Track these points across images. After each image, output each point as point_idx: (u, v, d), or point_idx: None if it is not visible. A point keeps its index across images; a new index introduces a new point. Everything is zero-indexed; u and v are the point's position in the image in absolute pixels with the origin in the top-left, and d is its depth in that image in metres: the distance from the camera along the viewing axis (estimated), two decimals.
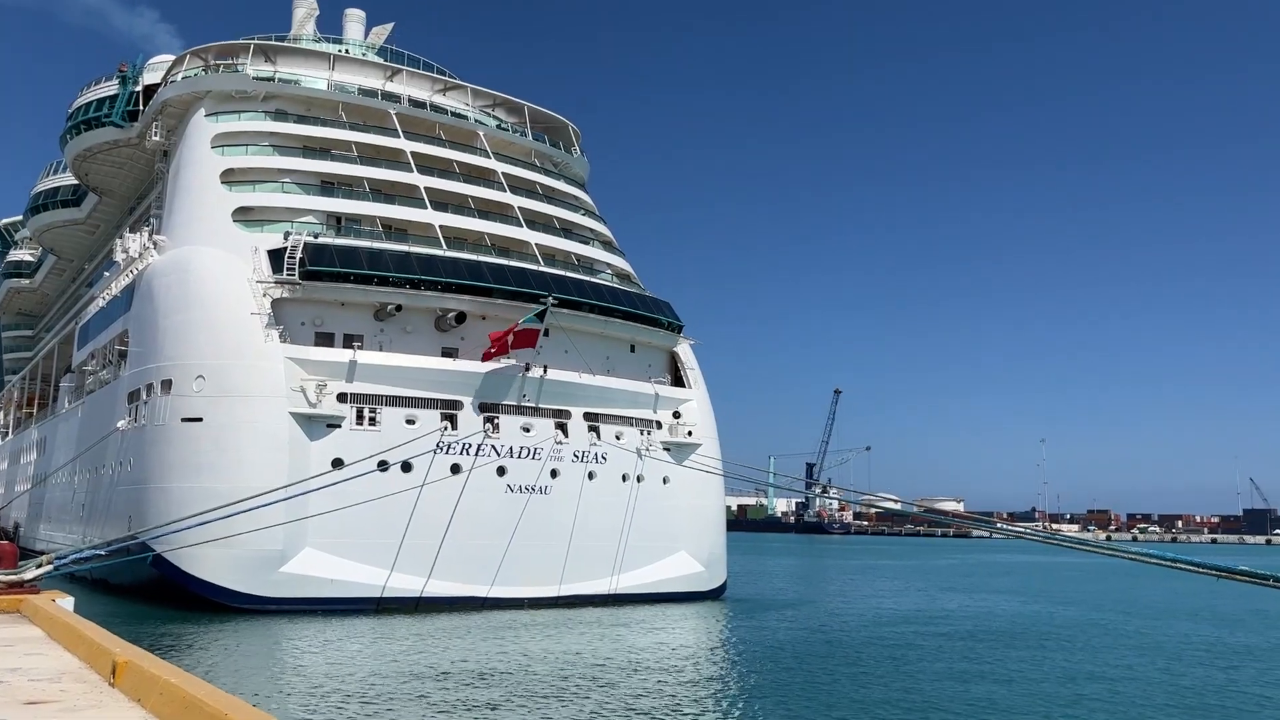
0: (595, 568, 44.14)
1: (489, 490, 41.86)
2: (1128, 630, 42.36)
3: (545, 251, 49.20)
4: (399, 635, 33.45)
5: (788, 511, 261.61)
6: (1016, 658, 32.77)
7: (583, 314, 46.34)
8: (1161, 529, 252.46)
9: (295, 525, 37.61)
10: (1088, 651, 34.91)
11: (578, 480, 44.22)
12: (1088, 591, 65.95)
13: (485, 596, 40.98)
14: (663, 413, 48.35)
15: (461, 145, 51.96)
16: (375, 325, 43.24)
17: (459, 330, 44.24)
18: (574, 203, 55.30)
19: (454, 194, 48.85)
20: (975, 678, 28.49)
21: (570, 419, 44.79)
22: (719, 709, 23.85)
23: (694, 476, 47.18)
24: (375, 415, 40.62)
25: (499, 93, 56.92)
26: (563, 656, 30.14)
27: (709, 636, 38.33)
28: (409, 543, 39.81)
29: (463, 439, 41.67)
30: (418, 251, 44.52)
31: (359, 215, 46.13)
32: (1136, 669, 31.01)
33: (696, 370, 51.32)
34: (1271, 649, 36.80)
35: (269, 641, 31.90)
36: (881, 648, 34.35)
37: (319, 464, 38.63)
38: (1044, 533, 35.56)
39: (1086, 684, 27.92)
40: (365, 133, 49.07)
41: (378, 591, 39.11)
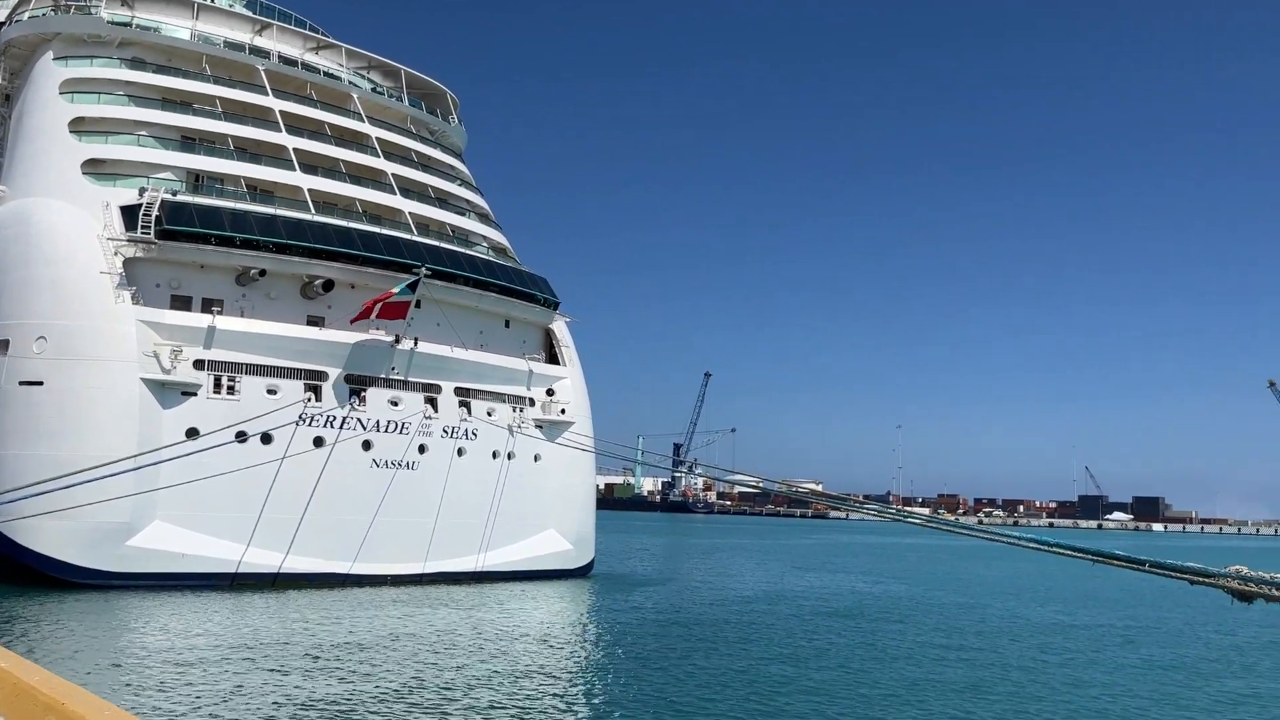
0: (462, 545, 43.54)
1: (354, 464, 40.71)
2: (965, 609, 44.35)
3: (419, 221, 47.98)
4: (255, 613, 32.24)
5: (654, 491, 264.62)
6: (859, 635, 33.86)
7: (457, 287, 45.42)
8: (1005, 513, 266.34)
9: (144, 497, 35.78)
10: (924, 629, 36.35)
11: (447, 456, 43.45)
12: (932, 572, 68.88)
13: (347, 573, 39.93)
14: (536, 390, 47.93)
15: (334, 107, 50.07)
16: (237, 290, 41.36)
17: (326, 298, 42.74)
18: (450, 172, 54.08)
19: (325, 157, 47.06)
20: (819, 655, 29.26)
21: (440, 394, 43.93)
22: (580, 684, 23.82)
23: (565, 454, 46.98)
24: (234, 384, 38.94)
25: (375, 55, 55.02)
26: (426, 633, 29.61)
27: (574, 614, 38.37)
28: (267, 517, 38.37)
29: (327, 411, 40.37)
30: (284, 215, 42.76)
31: (221, 174, 43.96)
32: (967, 646, 32.45)
33: (571, 348, 51.04)
34: (1092, 626, 39.12)
35: (113, 620, 30.26)
36: (738, 625, 34.98)
37: (172, 433, 36.82)
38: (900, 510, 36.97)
39: (913, 663, 29.05)
40: (230, 88, 46.67)
41: (233, 567, 37.61)
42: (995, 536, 9.74)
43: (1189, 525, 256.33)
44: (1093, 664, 29.41)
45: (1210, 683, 26.83)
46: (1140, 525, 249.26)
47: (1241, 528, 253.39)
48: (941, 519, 16.72)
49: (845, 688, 23.94)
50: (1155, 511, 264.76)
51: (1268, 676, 28.18)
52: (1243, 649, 33.39)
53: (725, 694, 22.70)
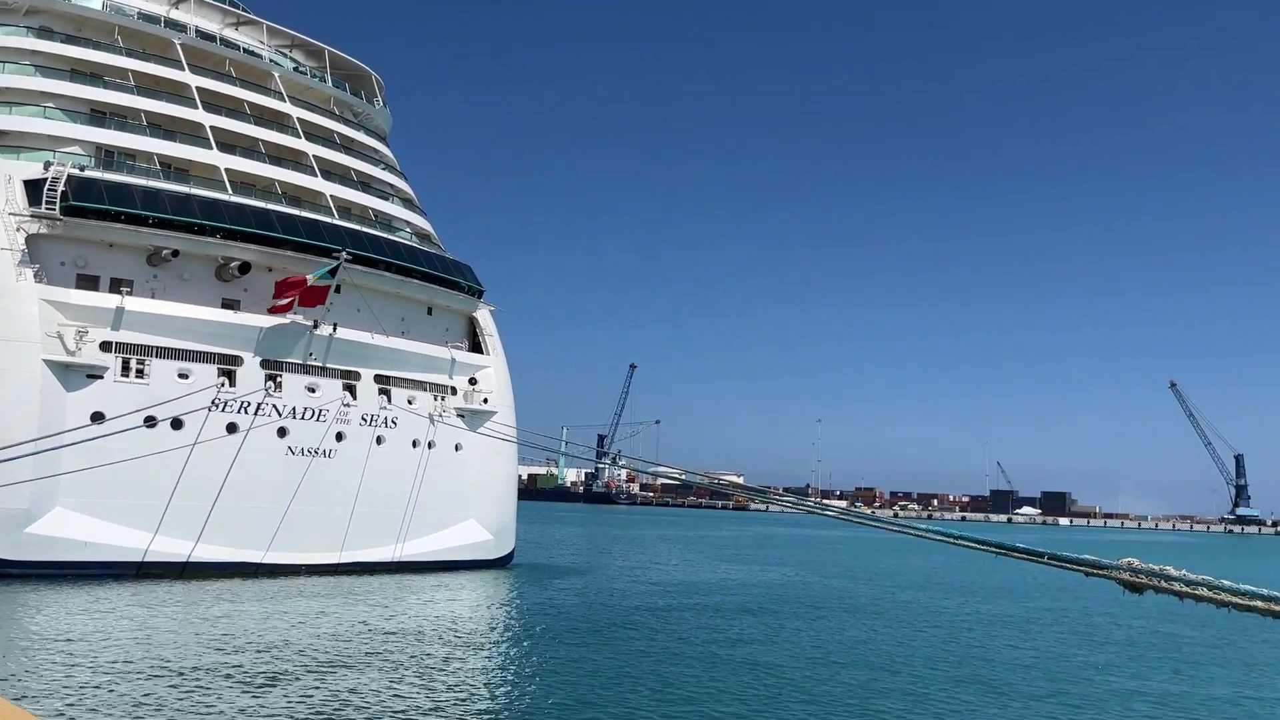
0: (380, 535, 42.96)
1: (268, 451, 39.85)
2: (874, 601, 45.26)
3: (341, 204, 47.10)
4: (161, 603, 31.37)
5: (577, 481, 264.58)
6: (769, 626, 34.32)
7: (378, 272, 44.73)
8: (919, 506, 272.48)
9: (45, 483, 34.52)
10: (834, 622, 37.01)
11: (365, 444, 42.79)
12: (846, 563, 70.10)
13: (260, 563, 39.10)
14: (458, 378, 47.47)
15: (254, 85, 48.79)
16: (148, 270, 40.11)
17: (242, 281, 41.70)
18: (374, 156, 53.17)
19: (243, 136, 45.86)
20: (729, 646, 29.59)
21: (360, 380, 43.23)
22: (495, 677, 23.71)
23: (487, 444, 46.61)
24: (144, 367, 37.78)
25: (298, 33, 53.76)
26: (340, 625, 29.16)
27: (492, 605, 38.18)
28: (176, 504, 37.35)
29: (241, 397, 39.42)
30: (200, 194, 41.58)
31: (133, 150, 42.55)
32: (871, 639, 33.13)
33: (495, 337, 50.66)
34: (992, 616, 40.28)
35: (9, 610, 29.13)
36: (654, 617, 35.10)
37: (76, 417, 35.60)
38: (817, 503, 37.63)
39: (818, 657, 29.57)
40: (144, 61, 45.18)
41: (139, 555, 36.55)
42: (906, 530, 9.91)
43: (1093, 520, 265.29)
44: (988, 655, 30.24)
45: (1097, 672, 27.79)
46: (1048, 519, 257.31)
47: (1141, 522, 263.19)
48: (857, 512, 16.92)
49: (750, 680, 24.21)
50: (1062, 506, 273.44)
51: (1153, 665, 29.31)
52: (1133, 638, 34.68)
53: (636, 687, 22.78)
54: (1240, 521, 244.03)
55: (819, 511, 17.72)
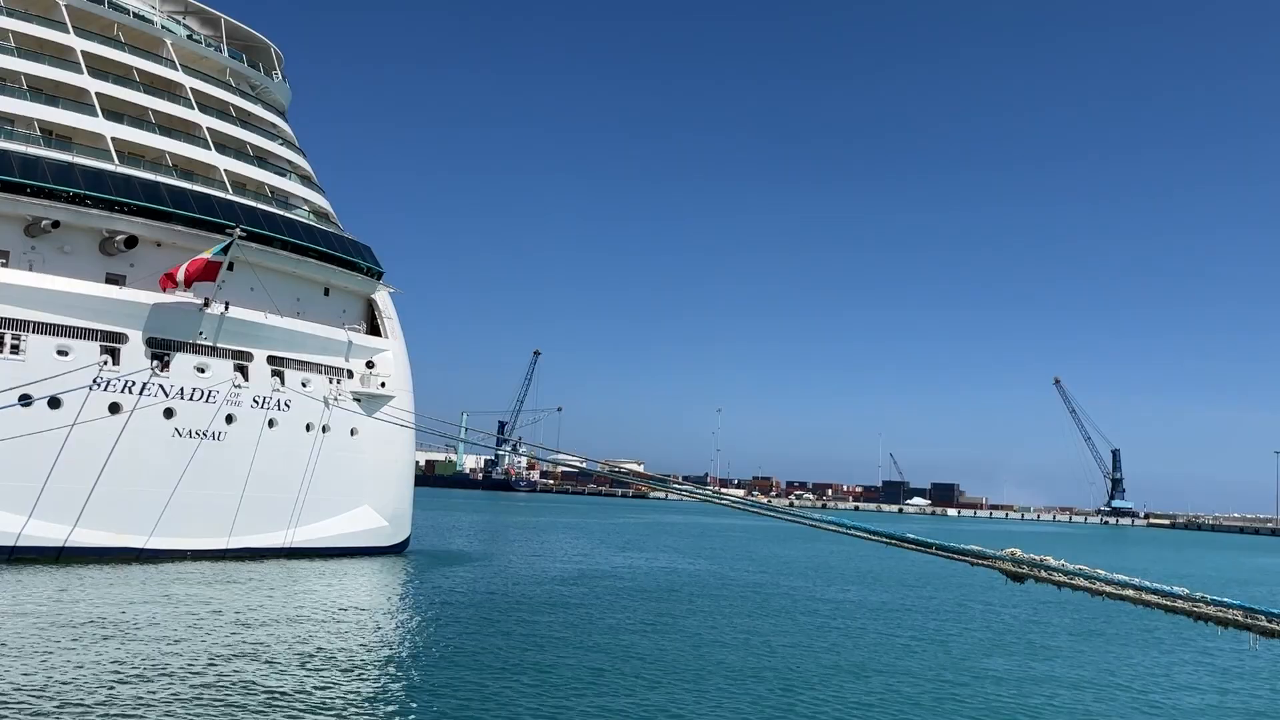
0: (271, 520, 41.87)
1: (153, 433, 38.45)
2: (761, 588, 46.11)
3: (235, 179, 45.58)
4: (34, 589, 29.98)
5: (476, 468, 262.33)
6: (653, 613, 34.67)
7: (273, 250, 43.50)
8: (814, 495, 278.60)
9: None
10: (717, 607, 37.59)
11: (256, 427, 41.61)
12: (741, 551, 71.20)
13: (142, 548, 37.72)
14: (355, 361, 46.49)
15: (144, 52, 46.79)
16: (25, 241, 38.19)
17: (128, 256, 40.06)
18: (271, 130, 51.58)
19: (132, 104, 43.98)
20: (615, 632, 29.80)
21: (252, 361, 41.98)
22: (381, 665, 23.33)
23: (383, 429, 45.80)
24: (19, 343, 36.00)
25: (193, 0, 51.77)
26: (224, 612, 28.31)
27: (386, 592, 37.56)
28: (53, 487, 35.76)
29: (125, 376, 37.91)
30: (83, 164, 39.76)
31: (13, 115, 40.43)
32: (752, 626, 33.78)
33: (395, 320, 49.76)
34: (877, 604, 41.45)
35: None
36: (545, 604, 35.05)
37: None
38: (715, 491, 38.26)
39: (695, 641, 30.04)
40: (25, 22, 42.90)
41: (11, 540, 34.92)
42: (801, 519, 10.07)
43: (980, 511, 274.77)
44: (863, 640, 31.08)
45: (974, 658, 28.83)
46: (937, 510, 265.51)
47: (1025, 513, 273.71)
48: (753, 501, 17.26)
49: (629, 666, 24.39)
50: (951, 497, 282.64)
51: (1016, 649, 30.56)
52: (1009, 624, 36.06)
53: (518, 675, 22.73)
54: (1116, 514, 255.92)
55: (716, 500, 17.87)
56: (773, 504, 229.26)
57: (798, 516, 10.00)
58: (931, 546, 6.54)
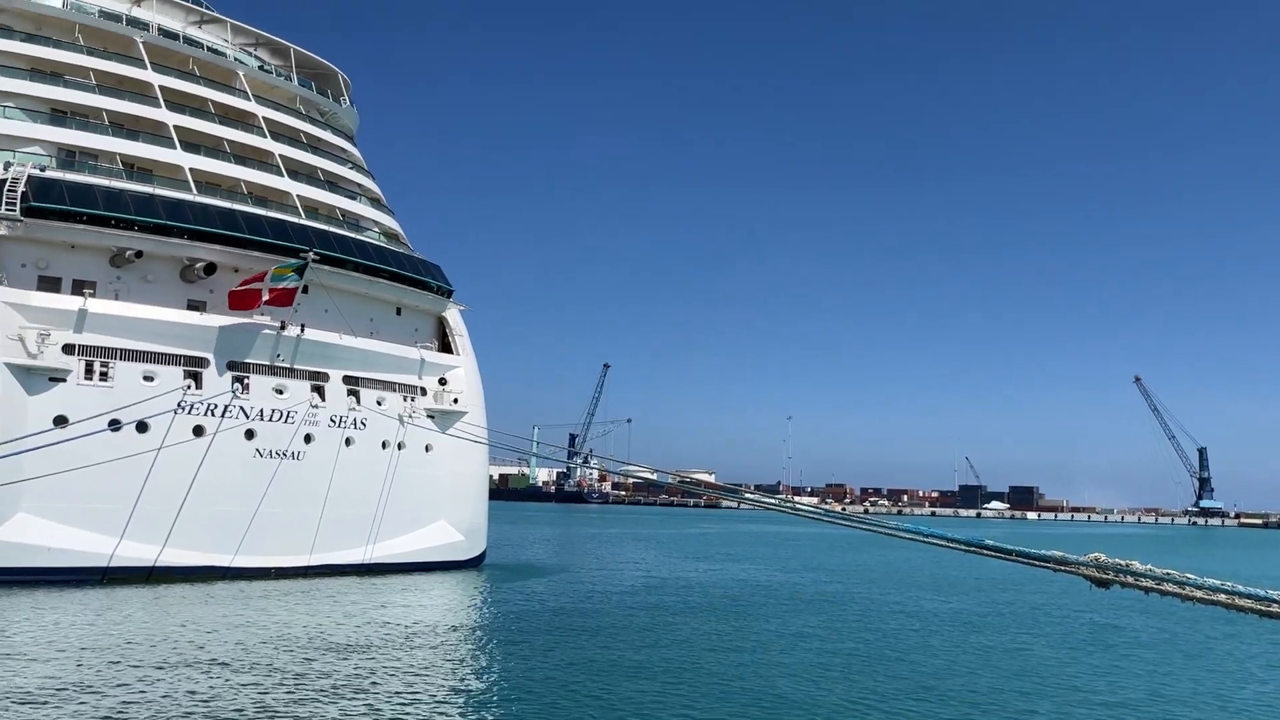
0: (350, 537, 42.65)
1: (235, 454, 39.46)
2: (837, 597, 45.55)
3: (307, 204, 46.71)
4: (127, 608, 30.97)
5: (549, 481, 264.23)
6: (731, 621, 34.46)
7: (346, 272, 44.43)
8: (890, 502, 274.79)
9: (7, 488, 33.96)
10: (794, 616, 37.20)
11: (334, 446, 42.46)
12: (815, 560, 70.46)
13: (228, 566, 38.70)
14: (428, 379, 47.21)
15: (218, 84, 48.26)
16: (111, 272, 39.57)
17: (208, 283, 41.25)
18: (341, 155, 52.76)
19: (208, 135, 45.36)
20: (715, 638, 29.68)
21: (328, 382, 42.88)
22: (472, 674, 23.60)
23: (457, 445, 46.40)
24: (108, 370, 37.25)
25: (263, 31, 53.23)
26: (310, 628, 28.91)
27: (466, 605, 37.99)
28: (143, 508, 36.89)
29: (208, 399, 39.00)
30: (164, 194, 41.08)
31: (95, 150, 41.96)
32: (829, 633, 33.35)
33: (465, 337, 50.43)
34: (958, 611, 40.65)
35: None
36: (624, 615, 35.13)
37: (38, 421, 35.05)
38: (787, 500, 37.71)
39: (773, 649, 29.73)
40: (106, 59, 44.57)
41: (105, 560, 36.07)
42: (877, 529, 9.96)
43: (1061, 513, 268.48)
44: (938, 649, 30.50)
45: (1054, 666, 28.12)
46: (1016, 514, 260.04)
47: (1108, 515, 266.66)
48: (827, 510, 17.00)
49: (699, 679, 24.30)
50: (1030, 500, 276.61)
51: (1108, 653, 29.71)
52: (1091, 629, 35.11)
53: (609, 683, 22.79)
54: (1204, 514, 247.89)
55: (788, 509, 17.74)
56: (846, 511, 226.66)
57: (873, 525, 9.90)
58: (1011, 553, 6.43)
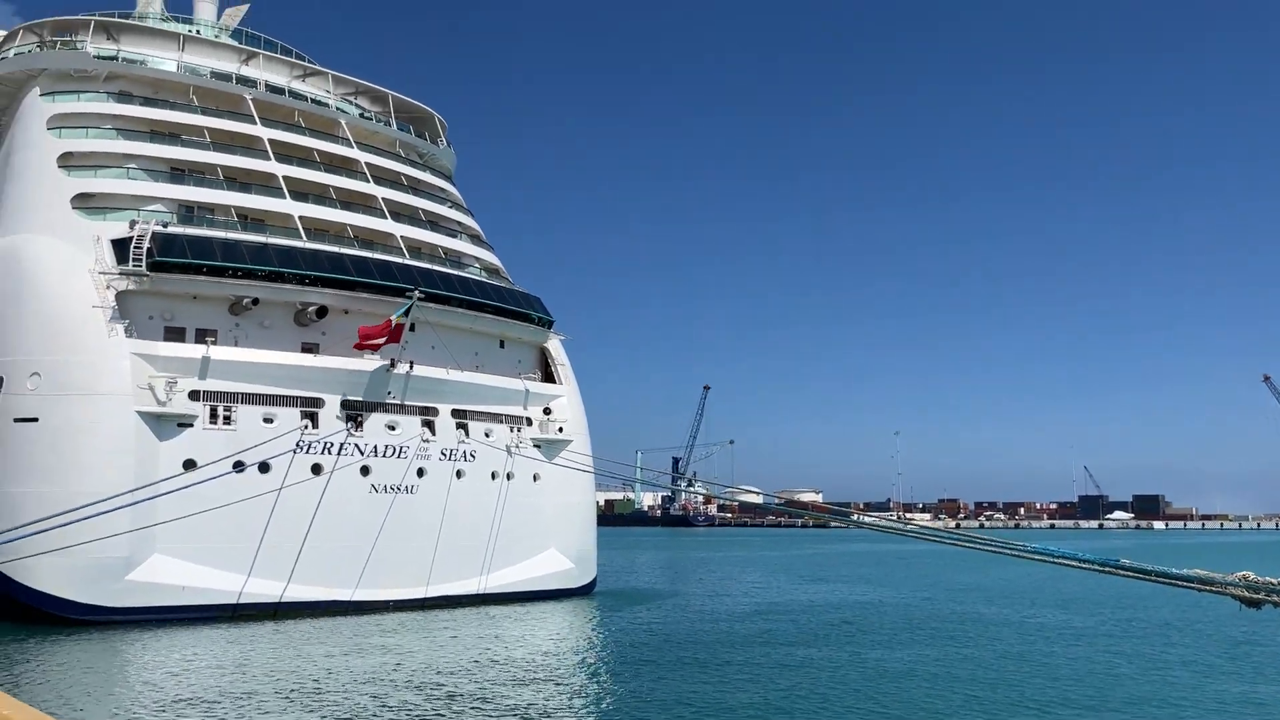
0: (464, 567, 43.36)
1: (352, 490, 40.57)
2: (961, 617, 44.22)
3: (411, 244, 48.01)
4: (257, 642, 32.05)
5: (654, 505, 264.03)
6: (855, 646, 33.75)
7: (450, 309, 45.44)
8: (1006, 515, 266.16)
9: (142, 530, 35.55)
10: (915, 638, 36.23)
11: (445, 479, 43.31)
12: (930, 579, 68.68)
13: (349, 600, 39.72)
14: (533, 409, 47.85)
15: (322, 133, 50.16)
16: (230, 319, 41.30)
17: (320, 325, 42.70)
18: (440, 195, 54.15)
19: (314, 183, 47.11)
20: (831, 666, 29.15)
21: (438, 416, 43.82)
22: (588, 705, 23.67)
23: (564, 473, 46.84)
24: (230, 414, 38.80)
25: (362, 80, 55.18)
26: (433, 659, 29.45)
27: (579, 633, 38.18)
28: (267, 546, 38.20)
29: (324, 438, 40.25)
30: (276, 243, 42.75)
31: (212, 204, 43.98)
32: (957, 656, 32.33)
33: (567, 366, 51.00)
34: (1092, 630, 39.05)
35: (113, 655, 30.05)
36: (743, 639, 34.86)
37: (169, 465, 36.64)
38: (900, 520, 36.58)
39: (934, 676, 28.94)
40: (218, 118, 46.78)
41: (234, 598, 37.40)
42: (1002, 550, 9.67)
43: (1190, 521, 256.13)
44: (1063, 671, 29.32)
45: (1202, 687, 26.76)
46: (1141, 523, 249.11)
47: (1242, 522, 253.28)
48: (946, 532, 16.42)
49: (813, 707, 23.85)
50: (1156, 509, 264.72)
51: None
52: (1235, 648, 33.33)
53: (736, 708, 22.58)
54: None
55: (900, 531, 17.39)
56: (960, 527, 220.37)
57: (1000, 545, 9.62)
58: (1150, 574, 6.17)
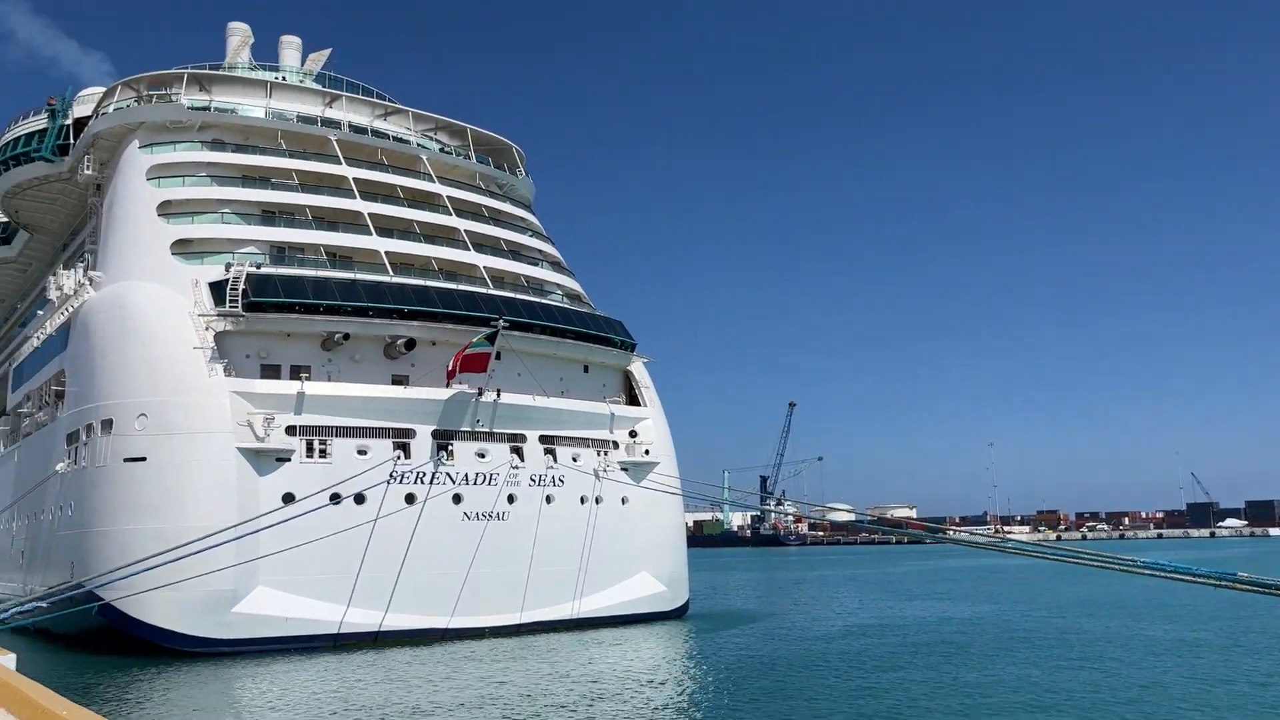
0: (557, 593, 43.54)
1: (445, 519, 41.13)
2: (1082, 632, 42.76)
3: (494, 274, 48.74)
4: (359, 671, 32.62)
5: (744, 525, 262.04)
6: (968, 665, 32.85)
7: (534, 336, 45.91)
8: (1109, 526, 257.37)
9: (247, 564, 36.56)
10: (1037, 656, 35.10)
11: (535, 504, 43.65)
12: (1033, 593, 66.63)
13: (446, 627, 40.20)
14: (619, 432, 48.00)
15: (404, 170, 51.38)
16: (323, 355, 42.39)
17: (409, 357, 43.54)
18: (521, 224, 54.92)
19: (399, 219, 48.23)
20: (926, 685, 28.44)
21: (525, 442, 44.24)
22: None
23: (653, 495, 46.84)
24: (326, 447, 39.73)
25: (440, 116, 56.45)
26: (530, 684, 29.59)
27: (675, 657, 37.96)
28: (365, 576, 38.93)
29: (416, 468, 40.93)
30: (364, 278, 43.81)
31: (302, 244, 45.30)
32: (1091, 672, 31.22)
33: (651, 389, 51.08)
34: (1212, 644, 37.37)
35: (224, 685, 30.90)
36: (844, 659, 34.26)
37: (269, 500, 37.64)
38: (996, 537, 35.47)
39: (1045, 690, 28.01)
40: (305, 160, 48.30)
41: (335, 628, 38.16)
42: (1108, 564, 9.31)
43: None
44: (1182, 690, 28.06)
45: None
46: (1256, 531, 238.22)
47: None
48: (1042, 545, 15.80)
49: None
50: (1271, 515, 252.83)
51: None
52: None
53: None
54: None
55: (999, 546, 16.92)
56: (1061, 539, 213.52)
57: (1105, 561, 9.27)
58: (1273, 588, 5.86)
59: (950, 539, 35.86)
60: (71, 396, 43.73)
